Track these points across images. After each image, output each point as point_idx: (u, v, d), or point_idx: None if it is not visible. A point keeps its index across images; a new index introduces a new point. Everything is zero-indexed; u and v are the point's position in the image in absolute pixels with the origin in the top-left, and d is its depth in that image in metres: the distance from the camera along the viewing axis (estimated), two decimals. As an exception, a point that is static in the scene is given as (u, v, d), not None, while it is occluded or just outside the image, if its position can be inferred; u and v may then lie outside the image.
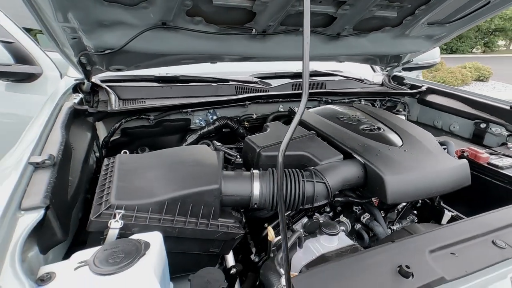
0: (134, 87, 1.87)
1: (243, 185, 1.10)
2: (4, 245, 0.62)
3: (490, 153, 1.55)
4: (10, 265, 0.58)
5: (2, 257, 0.59)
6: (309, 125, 1.57)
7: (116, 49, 1.41)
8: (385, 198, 1.17)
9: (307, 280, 0.68)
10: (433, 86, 2.27)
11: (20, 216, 0.70)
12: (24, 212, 0.72)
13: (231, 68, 2.15)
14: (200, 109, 1.84)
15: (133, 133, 1.76)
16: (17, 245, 0.63)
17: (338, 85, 2.26)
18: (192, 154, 1.23)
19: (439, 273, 0.70)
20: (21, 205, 0.73)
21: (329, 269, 0.72)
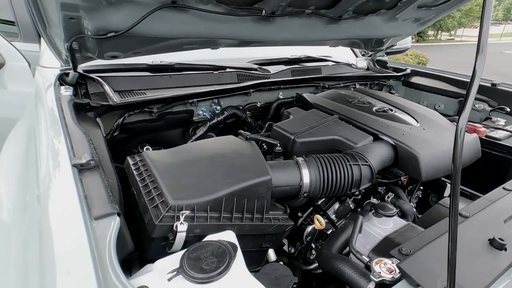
0: (129, 77, 1.67)
1: (292, 174, 1.06)
2: (103, 263, 0.50)
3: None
4: (118, 281, 0.48)
5: (106, 274, 0.49)
6: (326, 109, 1.57)
7: (121, 32, 1.24)
8: (420, 175, 1.22)
9: (416, 264, 0.68)
10: (416, 68, 2.42)
11: (96, 227, 0.58)
12: (97, 221, 0.60)
13: (225, 54, 2.05)
14: (204, 99, 1.72)
15: (133, 129, 1.59)
16: (113, 260, 0.52)
17: (332, 70, 2.29)
18: (227, 145, 1.14)
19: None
20: (92, 214, 0.61)
21: (430, 250, 0.73)
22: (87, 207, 0.62)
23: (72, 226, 0.57)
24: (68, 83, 1.48)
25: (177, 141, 1.79)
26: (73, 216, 0.59)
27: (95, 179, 0.73)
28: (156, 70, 1.81)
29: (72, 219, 0.59)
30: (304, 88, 2.10)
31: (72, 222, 0.58)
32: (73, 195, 0.64)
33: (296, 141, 1.22)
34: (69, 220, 0.59)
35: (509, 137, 1.66)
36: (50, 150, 0.87)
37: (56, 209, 0.62)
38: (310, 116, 1.41)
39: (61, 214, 0.61)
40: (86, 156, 0.77)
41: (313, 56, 2.36)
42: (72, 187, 0.66)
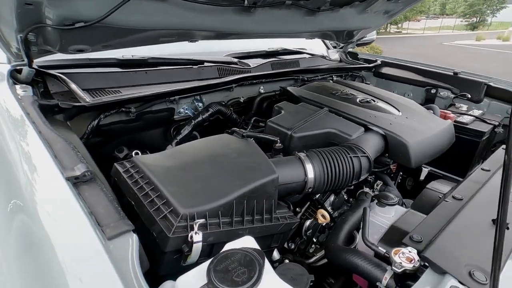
0: (98, 74, 1.50)
1: (296, 170, 1.04)
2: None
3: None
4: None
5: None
6: (315, 102, 1.57)
7: (92, 22, 1.10)
8: (410, 162, 1.28)
9: (438, 251, 0.70)
10: (386, 59, 2.54)
11: (113, 248, 0.50)
12: (113, 241, 0.52)
13: (200, 48, 1.95)
14: (186, 96, 1.61)
15: (108, 131, 1.44)
16: (141, 283, 0.45)
17: (309, 63, 2.31)
18: (225, 145, 1.08)
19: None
20: (106, 234, 0.52)
21: (446, 236, 0.75)
22: (98, 226, 0.53)
23: (85, 251, 0.48)
24: (22, 81, 1.28)
25: (157, 142, 1.67)
26: (83, 238, 0.50)
27: (96, 192, 0.63)
28: (127, 65, 1.65)
29: (83, 242, 0.50)
30: (284, 81, 2.09)
31: (84, 246, 0.49)
32: (77, 213, 0.55)
33: (293, 136, 1.20)
34: (79, 243, 0.50)
35: (473, 121, 1.82)
36: (25, 160, 0.74)
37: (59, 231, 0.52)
38: (301, 110, 1.40)
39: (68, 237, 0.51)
40: (80, 167, 0.66)
41: (289, 48, 2.35)
42: (72, 203, 0.57)
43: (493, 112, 2.01)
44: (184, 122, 1.71)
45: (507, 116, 1.96)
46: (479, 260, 0.66)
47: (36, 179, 0.66)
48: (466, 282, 0.60)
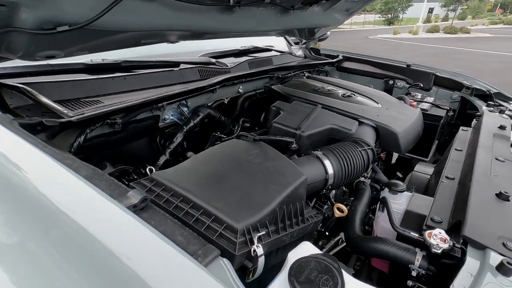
0: (68, 82, 1.30)
1: (317, 169, 1.06)
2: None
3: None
4: None
5: None
6: (303, 100, 1.61)
7: (79, 25, 0.95)
8: (400, 150, 1.41)
9: (472, 228, 0.78)
10: (346, 54, 2.72)
11: (209, 275, 0.46)
12: (209, 268, 0.48)
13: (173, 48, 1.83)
14: (172, 101, 1.50)
15: (89, 147, 1.27)
16: None
17: (281, 60, 2.34)
18: (244, 150, 1.05)
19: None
20: (202, 262, 0.47)
21: (471, 214, 0.84)
22: (188, 255, 0.48)
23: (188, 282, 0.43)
24: None
25: (143, 153, 1.53)
26: (181, 271, 0.45)
27: (162, 219, 0.56)
28: (97, 70, 1.47)
29: (183, 275, 0.44)
30: (260, 80, 2.09)
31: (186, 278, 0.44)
32: (159, 245, 0.48)
33: (302, 135, 1.22)
34: (179, 277, 0.44)
35: (431, 108, 2.08)
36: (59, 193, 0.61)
37: (148, 268, 0.45)
38: (298, 109, 1.42)
39: (162, 273, 0.44)
40: (134, 194, 0.58)
41: (260, 46, 2.35)
42: (147, 235, 0.50)
43: (440, 98, 2.33)
44: (170, 129, 1.60)
45: (452, 100, 2.29)
46: (506, 231, 0.77)
47: (78, 208, 0.56)
48: (505, 253, 0.70)
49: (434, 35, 21.40)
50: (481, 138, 1.33)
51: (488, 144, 1.28)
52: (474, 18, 37.82)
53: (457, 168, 1.25)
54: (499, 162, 1.17)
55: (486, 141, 1.31)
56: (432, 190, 1.22)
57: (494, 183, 0.99)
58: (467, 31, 22.04)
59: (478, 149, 1.22)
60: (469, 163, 1.20)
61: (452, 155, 1.37)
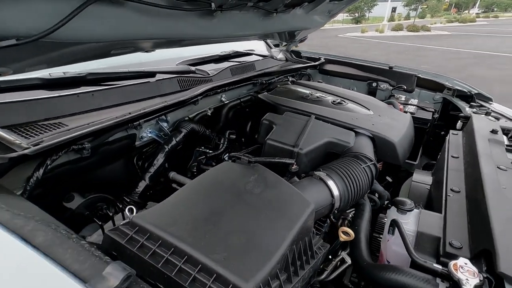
0: (21, 102, 1.09)
1: (323, 193, 0.96)
2: None
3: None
4: None
5: None
6: (293, 109, 1.50)
7: (31, 39, 0.77)
8: (398, 160, 1.34)
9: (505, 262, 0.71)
10: (328, 57, 2.66)
11: None
12: None
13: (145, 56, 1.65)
14: (150, 118, 1.33)
15: (52, 178, 1.07)
16: None
17: (263, 65, 2.23)
18: (238, 177, 0.92)
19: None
20: None
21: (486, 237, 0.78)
22: None
23: None
24: None
25: (118, 177, 1.34)
26: None
27: None
28: (57, 86, 1.26)
29: None
30: (244, 87, 1.96)
31: None
32: None
33: (300, 153, 1.10)
34: None
35: (417, 110, 2.06)
36: None
37: None
38: (291, 121, 1.31)
39: None
40: (114, 271, 0.43)
41: (240, 51, 2.21)
42: None
43: (422, 99, 2.33)
44: (149, 147, 1.43)
45: (435, 102, 2.29)
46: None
47: None
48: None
49: (398, 33, 22.38)
50: (479, 145, 1.30)
51: (487, 152, 1.25)
52: (433, 16, 40.17)
53: (459, 178, 1.21)
54: (502, 172, 1.13)
55: (484, 148, 1.28)
56: (436, 204, 1.17)
57: (509, 198, 0.93)
58: (427, 29, 23.30)
59: (480, 158, 1.18)
60: (473, 173, 1.16)
61: (450, 164, 1.32)
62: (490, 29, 24.62)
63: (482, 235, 0.83)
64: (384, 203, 1.38)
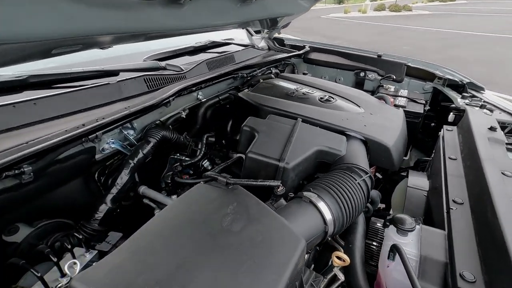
0: None
1: (313, 219, 0.82)
2: None
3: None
4: None
5: None
6: (277, 111, 1.34)
7: None
8: (393, 165, 1.23)
9: None
10: (313, 45, 2.48)
11: None
12: None
13: (108, 52, 1.42)
14: (110, 128, 1.13)
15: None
16: None
17: (243, 56, 2.02)
18: (214, 208, 0.76)
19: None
20: None
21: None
22: None
23: None
24: None
25: (76, 199, 1.15)
26: None
27: None
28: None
29: None
30: (223, 82, 1.76)
31: None
32: None
33: (287, 168, 0.95)
34: None
35: (407, 103, 1.95)
36: None
37: None
38: (275, 127, 1.15)
39: None
40: None
41: (218, 41, 1.99)
42: None
43: (412, 89, 2.22)
44: (114, 160, 1.23)
45: (424, 91, 2.19)
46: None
47: None
48: None
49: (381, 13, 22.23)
50: (479, 147, 1.19)
51: (490, 155, 1.14)
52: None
53: (460, 186, 1.10)
54: (508, 179, 1.03)
55: (486, 151, 1.17)
56: (437, 216, 1.06)
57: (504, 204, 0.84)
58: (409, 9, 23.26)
59: (483, 163, 1.07)
60: (476, 181, 1.05)
61: (449, 167, 1.22)
62: (469, 8, 24.93)
63: (499, 266, 0.72)
64: (377, 207, 1.28)
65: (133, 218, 1.32)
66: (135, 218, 1.32)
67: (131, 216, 1.32)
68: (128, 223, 1.32)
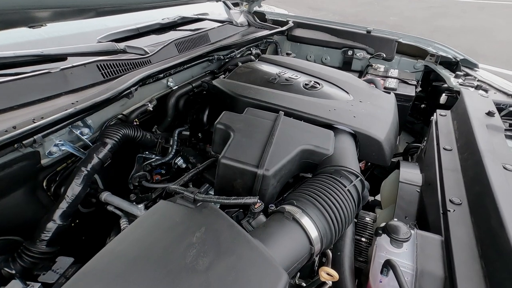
0: None
1: (297, 241, 0.70)
2: None
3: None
4: None
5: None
6: (257, 102, 1.18)
7: None
8: (385, 160, 1.12)
9: None
10: (297, 20, 2.26)
11: None
12: None
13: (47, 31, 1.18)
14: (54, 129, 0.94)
15: None
16: None
17: (219, 34, 1.80)
18: (177, 238, 0.62)
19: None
20: None
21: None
22: None
23: None
24: None
25: (20, 214, 0.98)
26: None
27: None
28: None
29: None
30: (197, 65, 1.56)
31: None
32: None
33: (266, 175, 0.81)
34: None
35: (398, 83, 1.81)
36: None
37: None
38: (253, 124, 0.99)
39: None
40: None
41: (189, 16, 1.75)
42: None
43: (402, 68, 2.08)
44: (67, 163, 1.06)
45: (415, 70, 2.06)
46: None
47: None
48: None
49: (367, -18, 21.49)
50: (478, 137, 1.09)
51: (489, 145, 1.05)
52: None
53: (457, 181, 1.01)
54: (509, 173, 0.94)
55: (485, 141, 1.07)
56: (431, 216, 0.97)
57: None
58: (396, -23, 22.61)
59: (484, 158, 0.97)
60: (476, 178, 0.95)
61: (444, 160, 1.12)
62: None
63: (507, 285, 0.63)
64: (366, 202, 1.18)
65: (96, 227, 1.18)
66: (98, 228, 1.18)
67: (93, 225, 1.17)
68: (90, 234, 1.18)
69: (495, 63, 5.21)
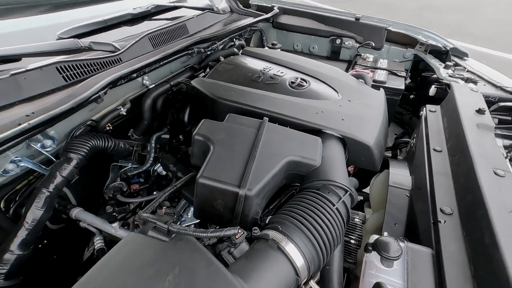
0: None
1: (282, 273, 0.64)
2: None
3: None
4: None
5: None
6: (236, 105, 1.09)
7: None
8: (374, 165, 1.07)
9: None
10: (283, 5, 2.12)
11: None
12: None
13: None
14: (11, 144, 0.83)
15: None
16: None
17: (198, 24, 1.66)
18: (147, 280, 0.55)
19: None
20: None
21: None
22: None
23: None
24: None
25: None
26: None
27: None
28: None
29: None
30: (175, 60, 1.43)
31: None
32: None
33: (249, 195, 0.74)
34: None
35: (387, 75, 1.75)
36: None
37: None
38: (235, 134, 0.90)
39: None
40: None
41: (163, 4, 1.59)
42: None
43: (391, 57, 2.01)
44: (29, 179, 0.96)
45: (404, 59, 1.99)
46: None
47: None
48: None
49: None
50: (469, 138, 1.05)
51: (480, 148, 1.01)
52: None
53: (447, 187, 0.97)
54: (501, 179, 0.91)
55: (475, 143, 1.03)
56: (422, 225, 0.94)
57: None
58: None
59: (475, 164, 0.93)
60: (467, 185, 0.92)
61: (434, 162, 1.08)
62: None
63: None
64: (355, 203, 1.14)
65: (69, 244, 1.10)
66: (71, 244, 1.10)
67: (65, 242, 1.09)
68: (63, 252, 1.10)
69: (482, 42, 5.19)
